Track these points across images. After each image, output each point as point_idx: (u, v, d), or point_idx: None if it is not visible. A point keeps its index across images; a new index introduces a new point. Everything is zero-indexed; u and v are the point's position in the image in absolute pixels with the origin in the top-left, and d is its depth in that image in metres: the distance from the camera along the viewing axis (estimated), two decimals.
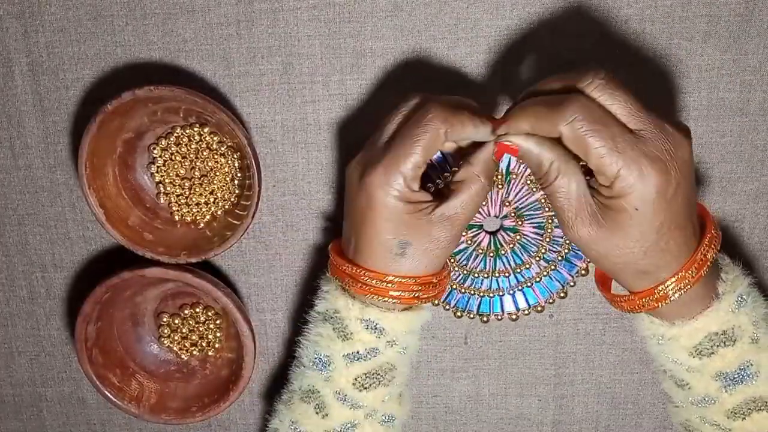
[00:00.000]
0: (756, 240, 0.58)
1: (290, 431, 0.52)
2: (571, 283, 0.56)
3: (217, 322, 0.62)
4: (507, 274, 0.56)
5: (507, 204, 0.54)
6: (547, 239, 0.55)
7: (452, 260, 0.56)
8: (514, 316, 0.57)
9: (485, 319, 0.58)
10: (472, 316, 0.58)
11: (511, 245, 0.55)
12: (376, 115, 0.56)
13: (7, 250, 0.61)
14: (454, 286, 0.57)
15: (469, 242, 0.56)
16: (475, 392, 0.63)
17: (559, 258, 0.55)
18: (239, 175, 0.58)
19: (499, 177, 0.53)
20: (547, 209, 0.54)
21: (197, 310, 0.62)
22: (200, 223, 0.58)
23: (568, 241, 0.54)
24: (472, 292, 0.57)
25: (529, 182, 0.53)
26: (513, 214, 0.54)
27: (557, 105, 0.43)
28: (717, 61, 0.54)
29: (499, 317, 0.58)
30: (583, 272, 0.56)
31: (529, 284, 0.57)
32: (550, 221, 0.54)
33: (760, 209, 0.58)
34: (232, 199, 0.58)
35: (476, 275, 0.57)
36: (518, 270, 0.56)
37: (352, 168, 0.49)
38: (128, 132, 0.56)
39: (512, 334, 0.61)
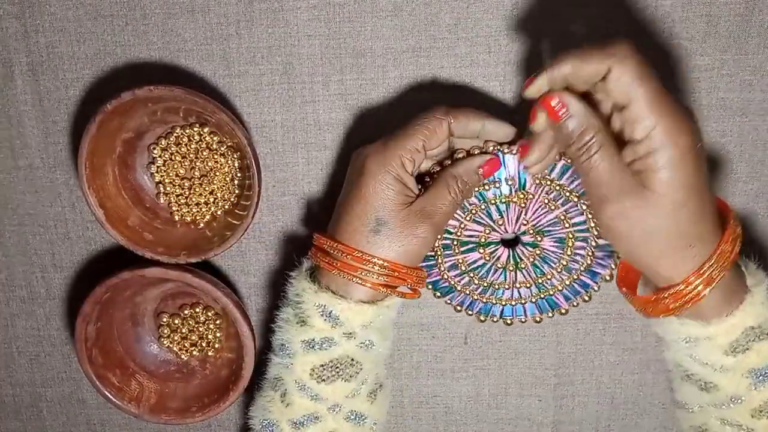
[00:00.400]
0: (756, 240, 0.58)
1: (261, 417, 0.53)
2: (595, 288, 0.56)
3: (217, 322, 0.62)
4: (528, 285, 0.57)
5: (525, 222, 0.54)
6: (569, 252, 0.55)
7: (472, 274, 0.56)
8: (538, 318, 0.58)
9: (509, 321, 0.58)
10: (495, 320, 0.58)
11: (531, 259, 0.56)
12: (376, 115, 0.56)
13: (7, 250, 0.61)
14: (475, 297, 0.57)
15: (488, 258, 0.56)
16: (475, 392, 0.63)
17: (582, 268, 0.55)
18: (239, 175, 0.58)
19: (521, 196, 0.53)
20: (567, 224, 0.54)
21: (197, 310, 0.62)
22: (200, 223, 0.58)
23: (591, 253, 0.54)
24: (494, 301, 0.57)
25: (546, 201, 0.53)
26: (531, 231, 0.55)
27: (606, 45, 0.42)
28: (717, 61, 0.54)
29: (523, 320, 0.58)
30: (607, 278, 0.56)
31: (551, 293, 0.57)
32: (571, 236, 0.54)
33: (760, 209, 0.58)
34: (232, 199, 0.58)
35: (497, 287, 0.57)
36: (540, 281, 0.56)
37: (357, 152, 0.51)
38: (128, 132, 0.56)
39: (512, 334, 0.61)
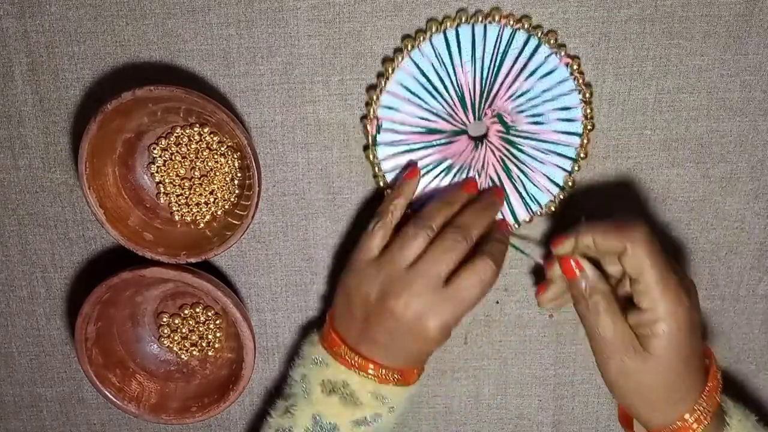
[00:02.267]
0: (756, 240, 0.58)
1: None
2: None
3: (217, 322, 0.62)
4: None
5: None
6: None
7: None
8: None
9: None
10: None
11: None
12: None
13: (7, 250, 0.61)
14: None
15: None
16: (475, 392, 0.63)
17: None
18: (239, 175, 0.58)
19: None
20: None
21: (197, 310, 0.62)
22: (200, 223, 0.58)
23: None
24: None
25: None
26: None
27: (625, 226, 0.48)
28: (717, 61, 0.54)
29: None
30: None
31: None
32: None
33: (760, 209, 0.58)
34: (232, 199, 0.58)
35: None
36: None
37: (408, 304, 0.51)
38: (128, 132, 0.56)
39: (512, 334, 0.61)
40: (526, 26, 0.53)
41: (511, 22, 0.52)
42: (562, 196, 0.57)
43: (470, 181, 0.56)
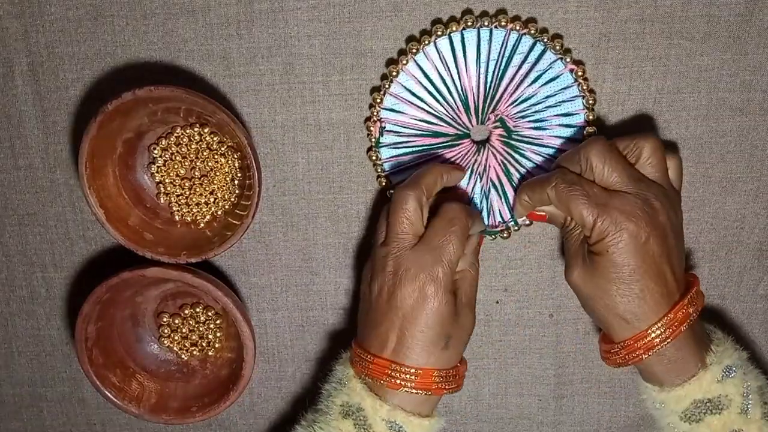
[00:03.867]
0: (756, 240, 0.58)
1: None
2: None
3: (217, 322, 0.62)
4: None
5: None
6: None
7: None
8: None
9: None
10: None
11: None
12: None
13: (7, 250, 0.61)
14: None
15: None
16: (475, 392, 0.63)
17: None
18: (239, 175, 0.58)
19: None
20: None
21: (197, 310, 0.62)
22: (200, 223, 0.58)
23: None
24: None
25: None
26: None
27: (544, 177, 0.52)
28: (717, 61, 0.54)
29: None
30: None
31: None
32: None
33: (760, 209, 0.58)
34: (232, 199, 0.58)
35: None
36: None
37: (402, 269, 0.51)
38: (128, 132, 0.56)
39: (512, 334, 0.61)
40: (532, 31, 0.52)
41: (518, 27, 0.52)
42: None
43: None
